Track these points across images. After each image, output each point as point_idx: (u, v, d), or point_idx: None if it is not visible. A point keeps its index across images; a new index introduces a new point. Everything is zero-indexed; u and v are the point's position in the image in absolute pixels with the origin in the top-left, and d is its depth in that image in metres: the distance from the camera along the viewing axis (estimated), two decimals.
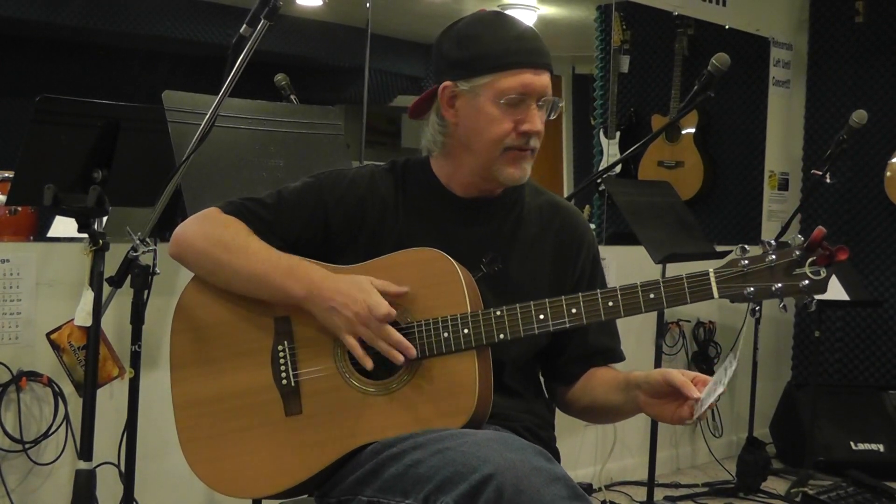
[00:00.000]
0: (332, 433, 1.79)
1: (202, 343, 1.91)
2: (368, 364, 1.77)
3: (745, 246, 1.72)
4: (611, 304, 1.76)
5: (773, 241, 1.72)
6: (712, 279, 1.73)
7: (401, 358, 1.74)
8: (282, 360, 1.85)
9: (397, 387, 1.78)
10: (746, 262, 1.71)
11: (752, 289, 1.71)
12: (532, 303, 1.78)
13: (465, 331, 1.77)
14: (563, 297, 1.78)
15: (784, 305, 1.75)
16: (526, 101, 1.83)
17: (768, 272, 1.70)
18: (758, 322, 4.40)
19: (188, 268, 1.95)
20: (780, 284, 1.70)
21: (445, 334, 1.77)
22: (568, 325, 1.77)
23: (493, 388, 1.79)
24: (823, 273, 1.68)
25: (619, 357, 2.03)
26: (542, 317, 1.77)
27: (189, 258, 1.93)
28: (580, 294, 1.78)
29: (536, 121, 1.85)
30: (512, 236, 1.95)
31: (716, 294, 1.73)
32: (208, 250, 1.89)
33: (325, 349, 1.84)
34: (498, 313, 1.77)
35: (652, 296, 1.75)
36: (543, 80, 1.85)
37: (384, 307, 1.75)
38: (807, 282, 1.69)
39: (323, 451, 1.79)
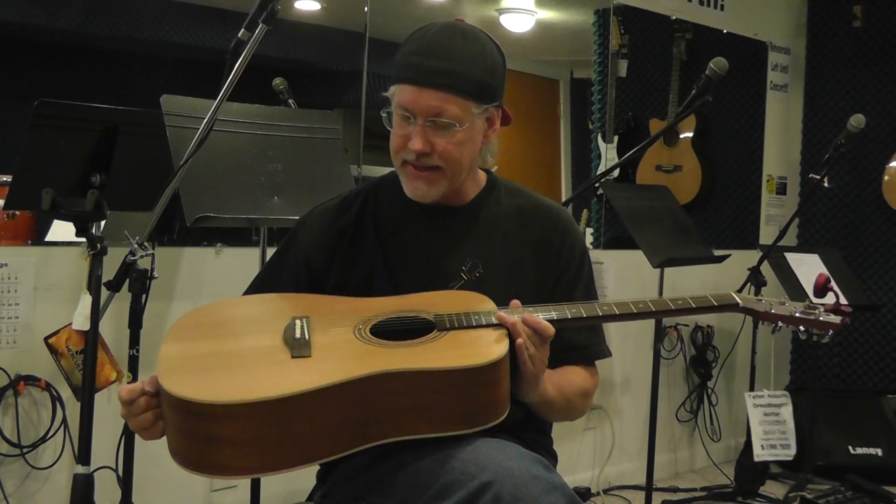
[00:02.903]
0: (342, 365, 1.63)
1: (206, 327, 1.80)
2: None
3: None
4: (641, 304, 1.85)
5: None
6: (734, 294, 1.90)
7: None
8: (297, 325, 1.76)
9: (421, 342, 1.71)
10: (762, 297, 1.93)
11: (773, 310, 1.90)
12: (565, 304, 1.82)
13: (497, 314, 1.76)
14: (595, 301, 1.88)
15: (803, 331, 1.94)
16: (411, 117, 1.83)
17: (786, 305, 1.91)
18: (756, 325, 4.39)
19: None
20: (798, 312, 1.90)
21: (476, 317, 1.76)
22: (600, 314, 1.83)
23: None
24: (833, 317, 1.88)
25: (595, 356, 2.01)
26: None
27: None
28: (612, 301, 1.85)
29: (415, 139, 1.82)
30: (488, 240, 1.95)
31: (739, 301, 1.90)
32: None
33: (345, 327, 1.77)
34: (530, 309, 1.78)
35: (680, 301, 1.88)
36: (425, 98, 1.80)
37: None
38: (821, 317, 1.88)
39: (326, 375, 1.59)
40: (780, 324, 1.90)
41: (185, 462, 1.60)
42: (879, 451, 4.62)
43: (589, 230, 5.02)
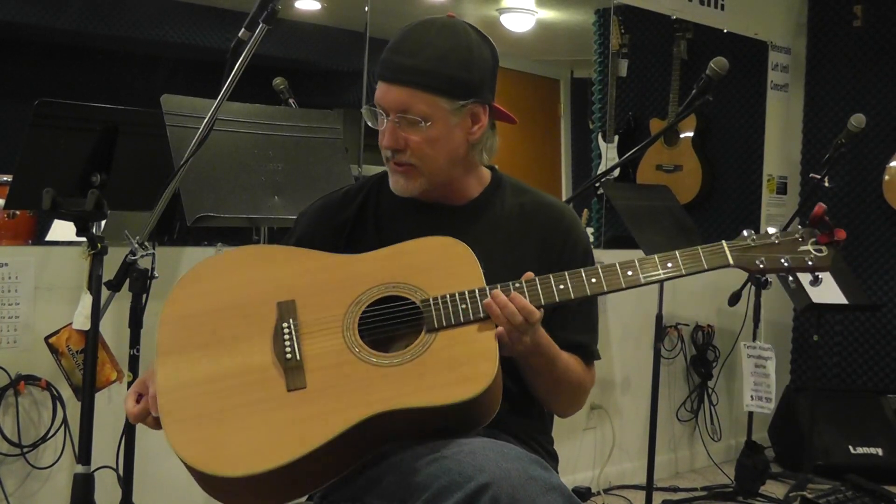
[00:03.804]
0: (339, 404, 1.67)
1: (194, 330, 1.79)
2: None
3: (747, 232, 1.84)
4: (630, 273, 1.78)
5: (774, 228, 1.86)
6: (726, 247, 1.80)
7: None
8: (286, 337, 1.76)
9: (412, 356, 1.72)
10: (753, 238, 1.82)
11: (762, 259, 1.80)
12: (551, 275, 1.78)
13: (486, 301, 1.74)
14: (581, 268, 1.79)
15: (791, 280, 1.86)
16: (383, 113, 1.84)
17: (775, 246, 1.81)
18: (756, 325, 4.39)
19: None
20: (787, 258, 1.80)
21: (464, 306, 1.74)
22: (588, 293, 1.78)
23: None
24: (825, 251, 1.80)
25: (592, 355, 1.99)
26: (562, 287, 1.77)
27: None
28: (598, 265, 1.79)
29: (385, 136, 1.84)
30: (490, 239, 1.93)
31: (731, 260, 1.80)
32: None
33: (333, 326, 1.77)
34: (517, 284, 1.77)
35: (670, 265, 1.79)
36: (392, 94, 1.81)
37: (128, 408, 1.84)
38: (811, 257, 1.80)
39: (327, 423, 1.64)
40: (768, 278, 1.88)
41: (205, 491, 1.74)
42: (880, 451, 4.62)
43: (589, 229, 5.03)
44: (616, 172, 4.75)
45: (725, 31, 5.05)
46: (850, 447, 4.63)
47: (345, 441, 1.65)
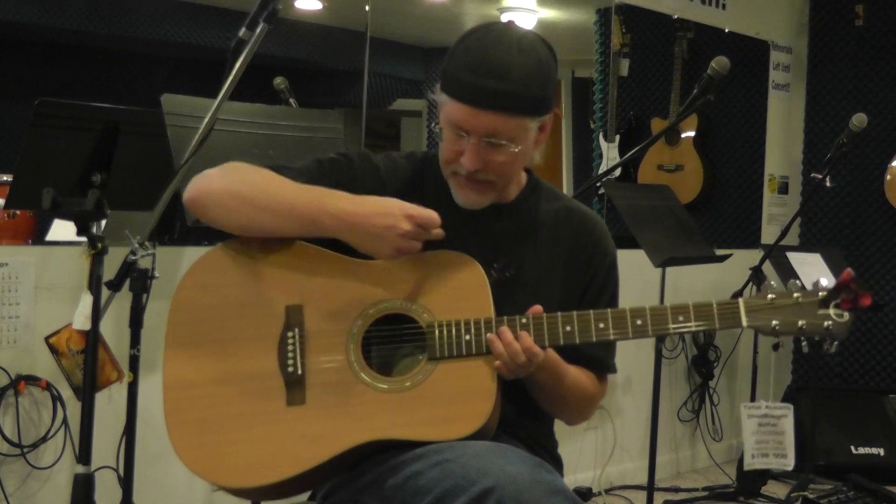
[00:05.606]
0: (334, 428, 1.72)
1: (203, 324, 1.81)
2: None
3: (773, 282, 1.77)
4: (639, 322, 1.76)
5: (799, 281, 1.76)
6: (742, 308, 1.75)
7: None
8: (290, 347, 1.77)
9: (411, 385, 1.73)
10: (774, 296, 1.75)
11: (777, 323, 1.74)
12: (560, 314, 1.77)
13: (489, 335, 1.74)
14: (591, 311, 1.78)
15: (805, 344, 1.80)
16: (465, 135, 1.78)
17: (794, 308, 1.74)
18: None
19: (207, 213, 1.85)
20: (804, 322, 1.74)
21: (468, 337, 1.75)
22: (594, 339, 1.77)
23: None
24: (846, 317, 1.73)
25: (607, 369, 1.99)
26: (568, 328, 1.76)
27: (211, 198, 1.84)
28: (609, 310, 1.78)
29: (470, 159, 1.78)
30: (523, 241, 1.93)
31: (744, 322, 1.74)
32: (235, 187, 1.83)
33: (337, 340, 1.78)
34: (524, 321, 1.76)
35: (681, 318, 1.76)
36: (483, 120, 1.75)
37: (432, 216, 1.74)
38: (830, 323, 1.73)
39: (320, 445, 1.71)
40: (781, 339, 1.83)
41: None
42: (881, 451, 4.61)
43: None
44: (617, 172, 4.75)
45: (727, 30, 5.05)
46: (852, 447, 4.62)
47: (337, 460, 1.72)
